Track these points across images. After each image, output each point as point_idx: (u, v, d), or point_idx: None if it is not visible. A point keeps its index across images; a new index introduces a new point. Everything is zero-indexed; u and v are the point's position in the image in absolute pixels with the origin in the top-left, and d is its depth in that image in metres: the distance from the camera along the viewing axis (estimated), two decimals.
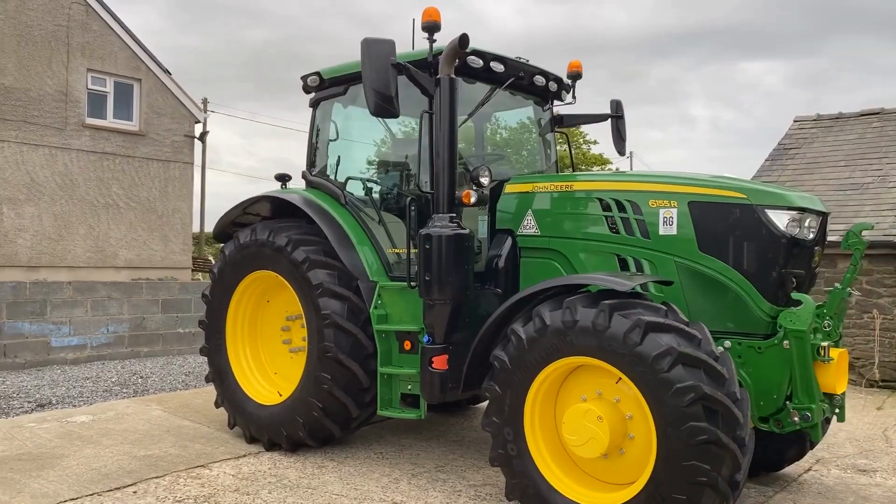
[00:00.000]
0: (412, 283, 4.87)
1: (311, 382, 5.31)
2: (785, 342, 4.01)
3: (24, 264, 15.15)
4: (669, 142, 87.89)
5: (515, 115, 6.50)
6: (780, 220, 4.08)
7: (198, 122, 18.22)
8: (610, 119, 6.35)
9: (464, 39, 4.56)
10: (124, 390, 8.01)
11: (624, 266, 4.59)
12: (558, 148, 6.59)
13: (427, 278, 4.62)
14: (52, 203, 15.70)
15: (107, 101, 16.61)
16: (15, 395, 7.60)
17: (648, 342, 3.62)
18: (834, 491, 5.04)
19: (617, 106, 6.35)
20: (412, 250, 4.91)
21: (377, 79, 4.53)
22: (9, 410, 6.98)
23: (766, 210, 4.10)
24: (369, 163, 6.12)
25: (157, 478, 4.96)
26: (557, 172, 6.31)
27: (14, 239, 15.18)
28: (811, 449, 5.11)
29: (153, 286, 10.19)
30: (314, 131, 6.09)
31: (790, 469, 5.42)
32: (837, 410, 4.44)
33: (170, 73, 17.56)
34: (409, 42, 5.64)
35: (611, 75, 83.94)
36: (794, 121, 13.90)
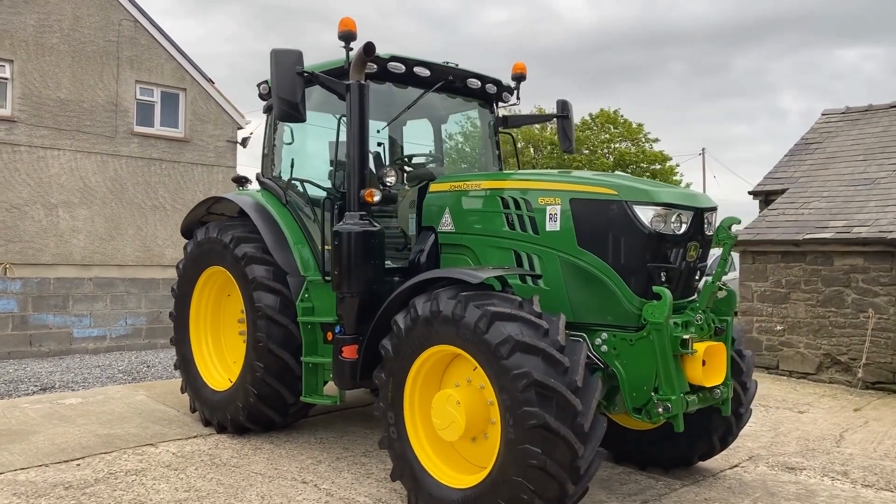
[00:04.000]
0: (326, 278, 5.21)
1: (248, 371, 5.72)
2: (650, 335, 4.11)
3: (77, 262, 16.37)
4: (756, 136, 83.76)
5: (461, 118, 6.71)
6: (646, 215, 4.17)
7: (240, 128, 19.16)
8: (556, 119, 6.49)
9: (368, 47, 4.85)
10: (126, 377, 8.69)
11: (519, 260, 4.76)
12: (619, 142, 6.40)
13: (336, 272, 4.94)
14: (104, 206, 16.89)
15: (154, 109, 17.73)
16: (26, 379, 8.39)
17: (493, 331, 3.81)
18: (745, 486, 5.04)
19: (563, 106, 6.48)
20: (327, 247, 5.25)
21: (283, 87, 4.87)
22: (14, 393, 7.74)
23: (634, 206, 4.20)
24: (313, 164, 6.47)
25: (104, 453, 5.47)
26: (501, 171, 6.49)
27: (69, 239, 16.43)
28: (723, 447, 5.10)
29: (169, 282, 10.89)
30: (267, 135, 6.50)
31: (714, 464, 5.44)
32: (722, 404, 4.47)
33: (213, 82, 18.54)
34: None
35: (691, 68, 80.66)
36: (822, 114, 13.45)
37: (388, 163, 6.57)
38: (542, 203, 4.62)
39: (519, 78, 6.38)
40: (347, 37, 5.21)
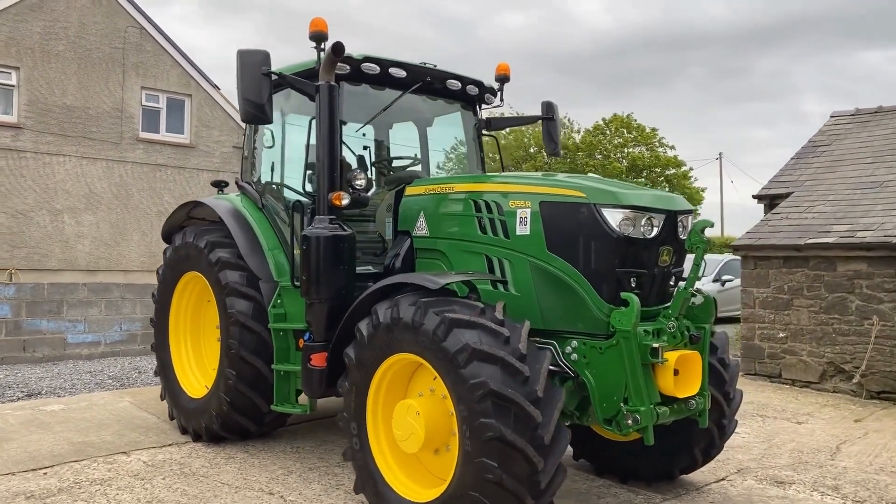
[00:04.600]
0: (295, 283, 5.09)
1: (221, 378, 5.61)
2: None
3: (83, 268, 16.43)
4: (777, 140, 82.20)
5: (444, 120, 6.57)
6: (614, 218, 4.01)
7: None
8: (541, 121, 6.34)
9: (337, 47, 4.73)
10: (115, 383, 8.63)
11: (490, 266, 4.61)
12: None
13: (304, 278, 4.82)
14: (109, 212, 16.95)
15: (160, 116, 17.79)
16: (14, 385, 8.35)
17: (451, 338, 3.67)
18: (729, 501, 4.83)
19: (548, 108, 6.33)
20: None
21: (248, 88, 4.76)
22: (0, 398, 7.69)
23: (602, 209, 4.04)
24: (293, 168, 6.36)
25: (74, 462, 5.38)
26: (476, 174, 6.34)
27: (74, 245, 16.50)
28: (706, 460, 4.89)
29: None
30: (247, 138, 6.42)
31: (700, 477, 5.25)
32: (698, 415, 4.28)
33: (219, 88, 18.58)
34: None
35: (712, 71, 79.33)
36: (832, 116, 13.15)
37: (372, 166, 6.46)
38: (512, 206, 4.47)
39: (502, 79, 6.24)
40: (318, 37, 5.10)
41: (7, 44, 15.64)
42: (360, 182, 4.99)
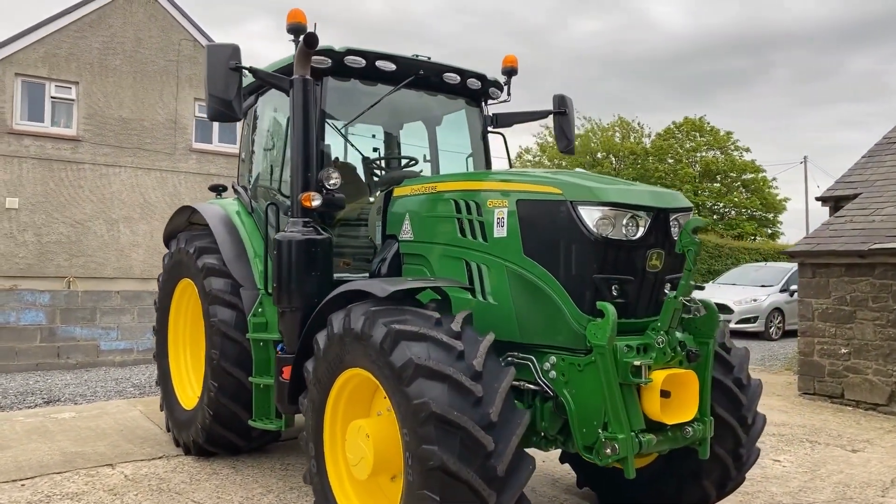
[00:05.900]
0: (269, 291, 4.79)
1: (205, 390, 5.37)
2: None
3: (137, 276, 16.82)
4: (871, 143, 76.54)
5: (451, 118, 6.16)
6: (591, 217, 3.50)
7: None
8: (553, 116, 5.86)
9: (310, 39, 4.43)
10: (135, 391, 8.58)
11: (469, 271, 4.18)
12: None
13: (276, 285, 4.52)
14: (163, 221, 17.21)
15: (213, 126, 18.07)
16: (38, 391, 8.42)
17: (397, 352, 3.26)
18: None
19: (560, 101, 5.84)
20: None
21: (215, 84, 4.49)
22: (18, 405, 7.74)
23: (579, 207, 3.54)
24: (279, 170, 6.09)
25: (56, 473, 5.24)
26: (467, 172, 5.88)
27: (129, 253, 16.91)
28: (722, 494, 4.26)
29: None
30: (243, 140, 6.21)
31: None
32: (699, 445, 3.70)
33: None
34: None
35: (798, 73, 73.99)
36: None
37: (380, 166, 6.14)
38: (490, 206, 4.02)
39: (510, 72, 5.78)
40: (296, 29, 4.78)
41: (68, 59, 16.23)
42: (334, 182, 4.64)
